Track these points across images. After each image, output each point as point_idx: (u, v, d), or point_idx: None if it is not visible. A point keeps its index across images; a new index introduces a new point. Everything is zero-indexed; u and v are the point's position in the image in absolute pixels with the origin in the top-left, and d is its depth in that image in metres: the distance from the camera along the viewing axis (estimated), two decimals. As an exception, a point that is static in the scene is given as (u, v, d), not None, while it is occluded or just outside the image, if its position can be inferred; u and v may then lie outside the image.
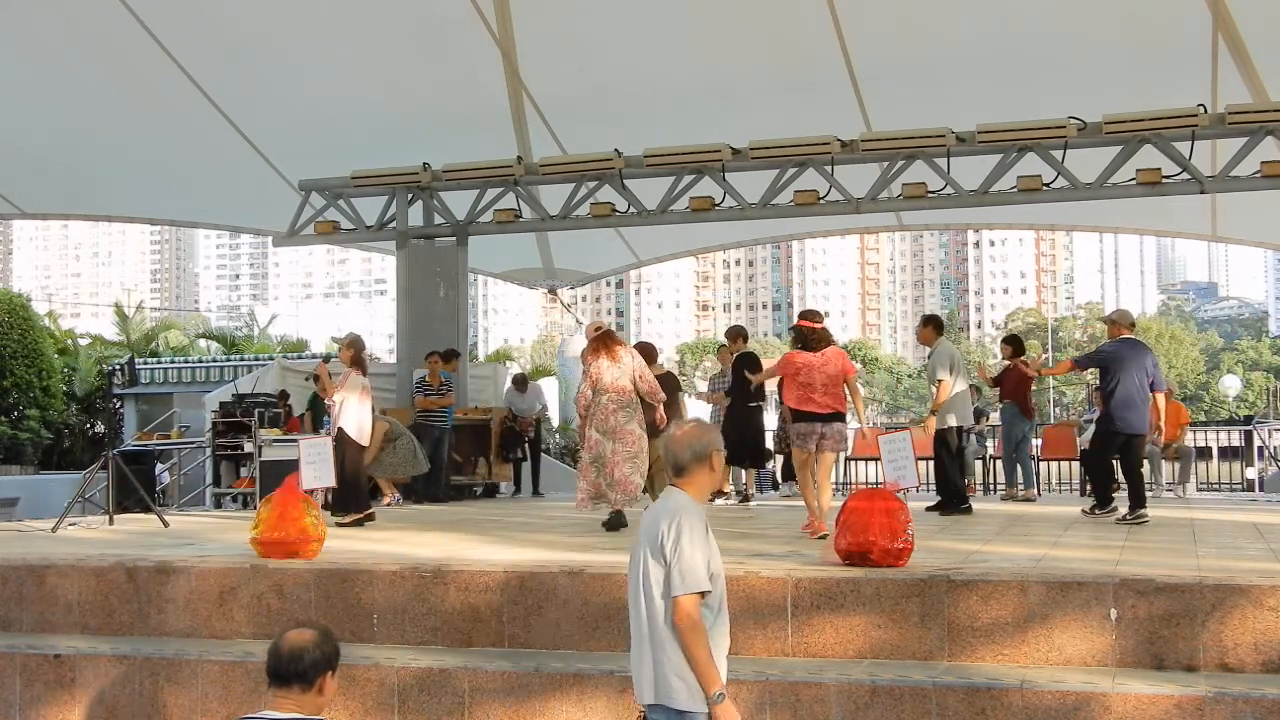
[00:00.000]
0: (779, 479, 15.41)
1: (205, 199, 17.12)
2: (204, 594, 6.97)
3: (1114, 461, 9.80)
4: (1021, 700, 5.26)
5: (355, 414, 10.21)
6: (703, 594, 3.94)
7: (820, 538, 7.92)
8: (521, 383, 15.92)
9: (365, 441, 10.38)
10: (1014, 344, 13.47)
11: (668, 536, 3.95)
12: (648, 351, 10.88)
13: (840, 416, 8.83)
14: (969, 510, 10.47)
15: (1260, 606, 5.51)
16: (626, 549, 7.54)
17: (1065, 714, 5.20)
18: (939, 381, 10.35)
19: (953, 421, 10.48)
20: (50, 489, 16.95)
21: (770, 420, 14.46)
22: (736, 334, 12.98)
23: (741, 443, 11.93)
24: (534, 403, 15.62)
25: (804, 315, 9.03)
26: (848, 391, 8.88)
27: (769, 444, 14.68)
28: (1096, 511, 9.82)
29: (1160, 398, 9.82)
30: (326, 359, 10.78)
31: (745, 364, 12.06)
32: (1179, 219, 16.22)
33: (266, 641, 4.57)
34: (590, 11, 13.34)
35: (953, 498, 10.56)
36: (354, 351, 10.43)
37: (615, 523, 9.17)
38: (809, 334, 8.86)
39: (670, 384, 11.54)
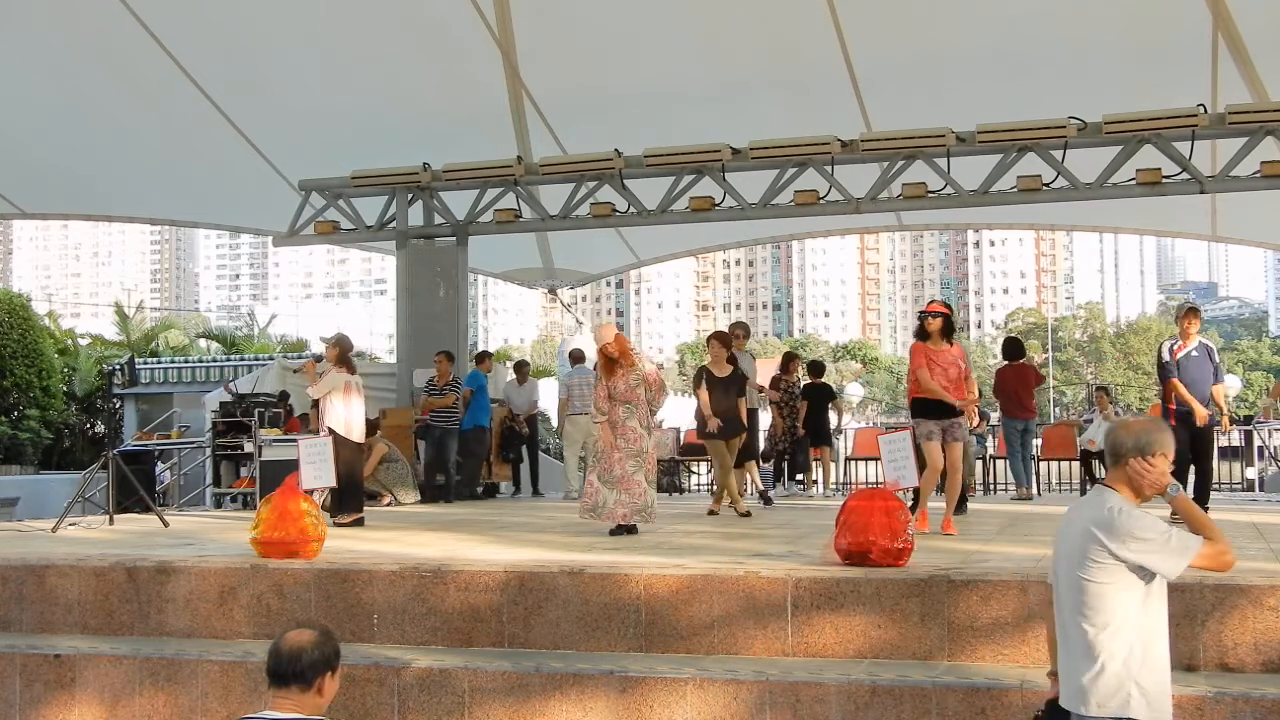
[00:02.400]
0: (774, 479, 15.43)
1: (205, 199, 17.12)
2: (204, 594, 6.97)
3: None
4: (1021, 700, 5.25)
5: (341, 412, 10.21)
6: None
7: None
8: (521, 369, 15.93)
9: (355, 438, 10.36)
10: (1007, 347, 13.81)
11: (1119, 545, 3.79)
12: (723, 339, 11.02)
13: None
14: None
15: (1260, 606, 5.51)
16: (627, 549, 7.57)
17: (1065, 714, 5.20)
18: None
19: None
20: (50, 489, 16.95)
21: (763, 420, 14.48)
22: (745, 331, 12.79)
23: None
24: (530, 396, 15.62)
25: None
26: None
27: (762, 444, 14.70)
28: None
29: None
30: (318, 359, 10.79)
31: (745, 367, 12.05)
32: (1179, 219, 16.22)
33: (266, 641, 4.57)
34: (590, 11, 13.34)
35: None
36: (338, 350, 10.42)
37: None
38: None
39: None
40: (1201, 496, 9.68)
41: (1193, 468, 9.79)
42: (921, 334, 8.89)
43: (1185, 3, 11.87)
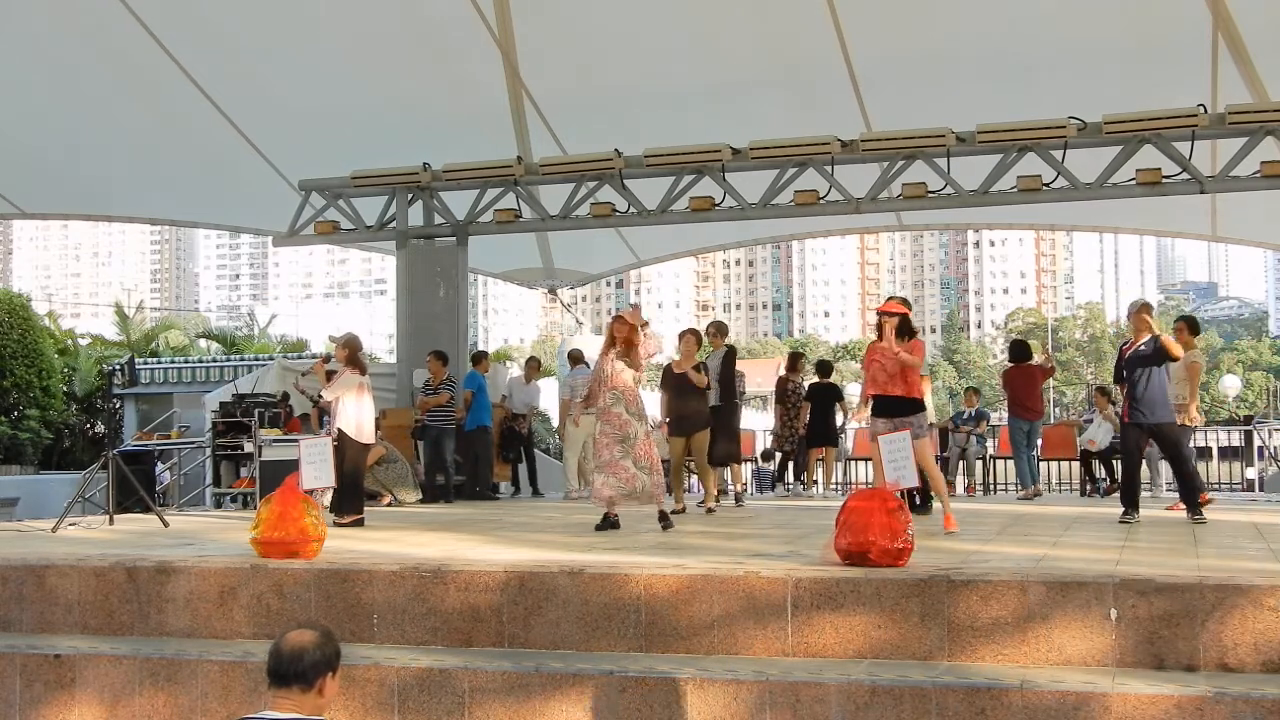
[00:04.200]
0: (775, 478, 15.44)
1: (205, 199, 17.13)
2: (204, 594, 6.97)
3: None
4: (1021, 700, 5.26)
5: (353, 413, 10.21)
6: None
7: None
8: (535, 366, 15.89)
9: (365, 439, 10.37)
10: (1012, 350, 13.79)
11: None
12: (696, 335, 11.20)
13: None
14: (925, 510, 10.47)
15: (1260, 606, 5.51)
16: (627, 549, 7.57)
17: (1065, 714, 5.20)
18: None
19: None
20: (50, 489, 16.94)
21: (765, 420, 14.47)
22: (717, 329, 12.70)
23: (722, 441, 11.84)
24: (534, 398, 15.62)
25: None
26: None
27: (766, 444, 14.72)
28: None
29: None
30: (326, 359, 10.77)
31: (731, 360, 12.08)
32: (1179, 219, 16.24)
33: (267, 642, 4.57)
34: (590, 11, 13.35)
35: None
36: (350, 351, 10.43)
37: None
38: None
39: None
40: (1186, 496, 9.59)
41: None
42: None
43: (1185, 3, 11.88)
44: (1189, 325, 11.55)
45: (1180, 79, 12.75)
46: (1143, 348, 9.56)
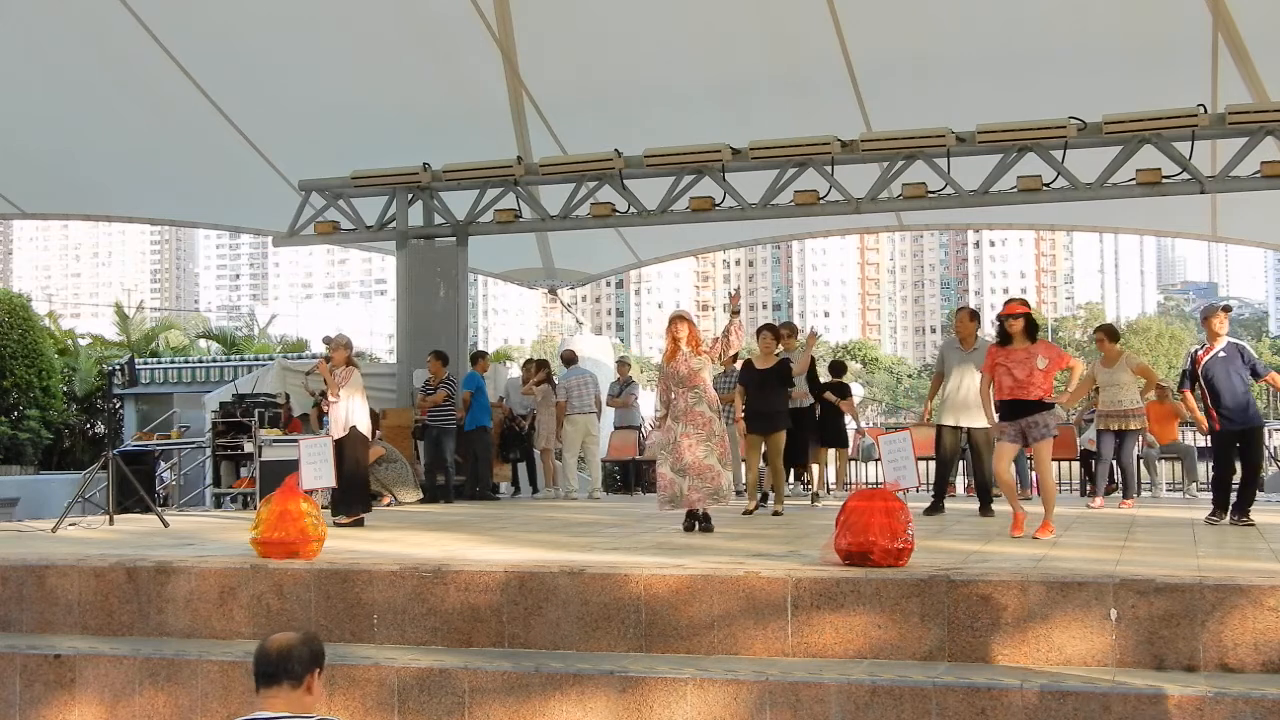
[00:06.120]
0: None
1: (205, 199, 17.14)
2: (204, 594, 6.97)
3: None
4: (1021, 700, 5.26)
5: (361, 411, 10.31)
6: None
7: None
8: (530, 369, 15.87)
9: (371, 437, 10.51)
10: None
11: None
12: (774, 331, 11.10)
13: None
14: (939, 510, 10.42)
15: (1260, 606, 5.51)
16: (627, 549, 7.57)
17: (1065, 714, 5.20)
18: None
19: (947, 421, 10.43)
20: (50, 489, 16.94)
21: None
22: (791, 331, 12.70)
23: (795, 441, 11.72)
24: (530, 401, 15.61)
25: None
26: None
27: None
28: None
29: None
30: (328, 359, 10.79)
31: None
32: (1179, 219, 16.23)
33: (266, 642, 4.56)
34: (590, 11, 13.36)
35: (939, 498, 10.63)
36: (349, 351, 10.53)
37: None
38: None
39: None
40: (1242, 503, 9.29)
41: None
42: (1003, 337, 8.56)
43: (1185, 3, 11.88)
44: (1109, 334, 11.51)
45: (1180, 79, 12.75)
46: (1222, 353, 9.25)
